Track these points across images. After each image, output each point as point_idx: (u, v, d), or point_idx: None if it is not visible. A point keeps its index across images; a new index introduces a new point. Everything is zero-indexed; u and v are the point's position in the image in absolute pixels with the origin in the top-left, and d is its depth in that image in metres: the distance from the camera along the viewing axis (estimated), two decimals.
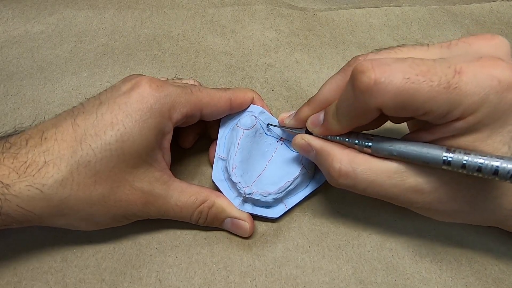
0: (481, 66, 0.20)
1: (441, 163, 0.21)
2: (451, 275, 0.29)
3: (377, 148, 0.24)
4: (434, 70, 0.20)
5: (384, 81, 0.20)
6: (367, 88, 0.20)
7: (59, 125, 0.25)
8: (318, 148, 0.26)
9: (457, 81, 0.20)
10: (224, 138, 0.31)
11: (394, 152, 0.23)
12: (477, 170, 0.20)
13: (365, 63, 0.21)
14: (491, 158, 0.20)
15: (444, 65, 0.20)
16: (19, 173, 0.23)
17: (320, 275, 0.28)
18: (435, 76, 0.20)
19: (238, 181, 0.29)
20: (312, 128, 0.27)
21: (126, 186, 0.26)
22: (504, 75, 0.20)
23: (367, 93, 0.21)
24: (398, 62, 0.21)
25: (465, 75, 0.20)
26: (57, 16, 0.43)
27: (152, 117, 0.26)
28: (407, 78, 0.20)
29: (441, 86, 0.20)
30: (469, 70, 0.20)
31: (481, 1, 0.47)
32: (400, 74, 0.20)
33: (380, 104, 0.21)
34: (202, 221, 0.29)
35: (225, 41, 0.42)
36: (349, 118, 0.24)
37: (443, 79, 0.20)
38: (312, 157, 0.27)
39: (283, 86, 0.39)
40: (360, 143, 0.25)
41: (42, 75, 0.38)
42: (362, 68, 0.21)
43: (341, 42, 0.43)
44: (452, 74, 0.20)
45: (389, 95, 0.20)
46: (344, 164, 0.24)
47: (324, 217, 0.31)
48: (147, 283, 0.28)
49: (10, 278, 0.27)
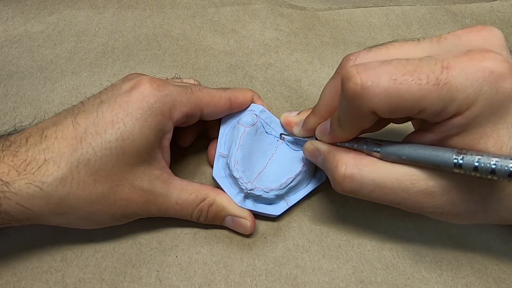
0: (469, 59, 0.20)
1: (452, 166, 0.21)
2: (451, 275, 0.29)
3: (386, 153, 0.23)
4: (421, 68, 0.20)
5: (371, 85, 0.20)
6: (355, 93, 0.20)
7: (60, 123, 0.25)
8: (325, 152, 0.26)
9: (446, 77, 0.19)
10: (225, 136, 0.31)
11: (403, 156, 0.23)
12: (491, 172, 0.19)
13: (350, 69, 0.21)
14: (505, 159, 0.19)
15: (431, 62, 0.20)
16: (19, 170, 0.23)
17: (320, 275, 0.28)
18: (423, 74, 0.20)
19: (239, 177, 0.28)
20: (320, 137, 0.27)
21: (126, 184, 0.26)
22: (495, 66, 0.19)
23: (356, 98, 0.20)
24: (383, 65, 0.20)
25: (453, 70, 0.20)
26: (57, 15, 0.43)
27: (153, 116, 0.26)
28: (394, 79, 0.20)
29: (430, 84, 0.19)
30: (457, 64, 0.20)
31: (481, 1, 0.47)
32: (386, 76, 0.20)
33: (372, 108, 0.21)
34: (202, 219, 0.29)
35: (225, 40, 0.42)
36: (350, 125, 0.23)
37: (431, 76, 0.20)
38: (319, 162, 0.27)
39: (283, 85, 0.39)
40: (368, 149, 0.24)
41: (42, 75, 0.38)
42: (348, 75, 0.21)
43: (341, 41, 0.43)
44: (439, 70, 0.20)
45: (379, 98, 0.20)
46: (350, 166, 0.24)
47: (324, 217, 0.31)
48: (147, 282, 0.28)
49: (9, 278, 0.27)
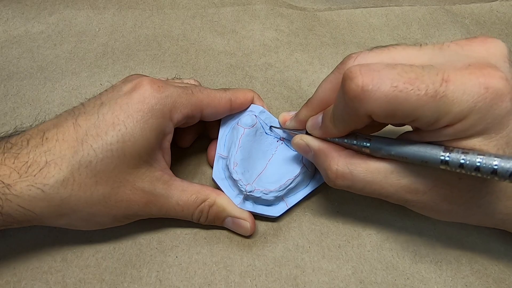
0: (469, 73, 0.20)
1: (439, 162, 0.21)
2: (451, 275, 0.29)
3: (375, 148, 0.24)
4: (422, 78, 0.20)
5: (371, 89, 0.20)
6: (355, 95, 0.21)
7: (60, 125, 0.25)
8: (316, 149, 0.26)
9: (444, 90, 0.20)
10: (225, 137, 0.31)
11: (392, 152, 0.23)
12: (475, 169, 0.20)
13: (354, 68, 0.21)
14: (489, 157, 0.20)
15: (432, 72, 0.20)
16: (20, 173, 0.23)
17: (320, 275, 0.28)
18: (423, 84, 0.20)
19: (239, 179, 0.29)
20: (311, 130, 0.27)
21: (127, 186, 0.26)
22: (492, 83, 0.20)
23: (355, 100, 0.21)
24: (388, 69, 0.20)
25: (452, 84, 0.20)
26: (57, 16, 0.43)
27: (153, 117, 0.26)
28: (394, 86, 0.20)
29: (429, 95, 0.20)
30: (456, 78, 0.20)
31: (481, 1, 0.47)
32: (388, 81, 0.20)
33: (368, 111, 0.21)
34: (203, 219, 0.29)
35: (225, 41, 0.42)
36: (343, 123, 0.24)
37: (430, 87, 0.20)
38: (310, 157, 0.28)
39: (283, 86, 0.39)
40: (358, 144, 0.25)
41: (42, 75, 0.38)
42: (351, 75, 0.21)
43: (341, 42, 0.43)
44: (439, 82, 0.20)
45: (377, 103, 0.20)
46: (341, 166, 0.25)
47: (324, 217, 0.31)
48: (147, 282, 0.28)
49: (9, 278, 0.27)
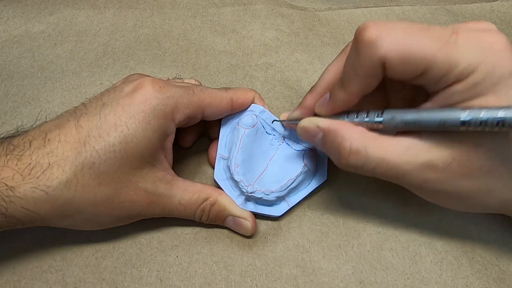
0: (476, 31, 0.21)
1: (459, 123, 0.20)
2: (451, 275, 0.29)
3: (389, 120, 0.23)
4: (433, 28, 0.21)
5: (386, 33, 0.21)
6: (370, 40, 0.21)
7: (62, 126, 0.25)
8: (325, 128, 0.25)
9: (455, 40, 0.21)
10: (226, 137, 0.31)
11: (407, 117, 0.22)
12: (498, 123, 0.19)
13: (367, 22, 0.22)
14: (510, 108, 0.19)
15: (442, 27, 0.22)
16: (23, 175, 0.23)
17: (320, 275, 0.28)
18: (434, 32, 0.21)
19: (240, 180, 0.29)
20: (319, 108, 0.26)
21: (130, 186, 0.26)
22: (501, 41, 0.21)
23: (370, 44, 0.21)
24: (398, 22, 0.22)
25: (461, 36, 0.21)
26: (58, 15, 0.43)
27: (155, 118, 0.26)
28: (408, 32, 0.21)
29: (440, 42, 0.20)
30: (465, 33, 0.21)
31: (481, 1, 0.47)
32: (401, 29, 0.21)
33: (382, 55, 0.21)
34: (204, 218, 0.29)
35: (226, 40, 0.42)
36: (354, 81, 0.23)
37: (442, 36, 0.21)
38: (318, 141, 0.26)
39: (283, 85, 0.39)
40: (370, 120, 0.24)
41: (43, 75, 0.38)
42: (365, 26, 0.22)
43: (341, 42, 0.43)
44: (449, 33, 0.21)
45: (391, 46, 0.21)
46: (355, 143, 0.23)
47: (324, 217, 0.31)
48: (148, 282, 0.28)
49: (9, 277, 0.27)
